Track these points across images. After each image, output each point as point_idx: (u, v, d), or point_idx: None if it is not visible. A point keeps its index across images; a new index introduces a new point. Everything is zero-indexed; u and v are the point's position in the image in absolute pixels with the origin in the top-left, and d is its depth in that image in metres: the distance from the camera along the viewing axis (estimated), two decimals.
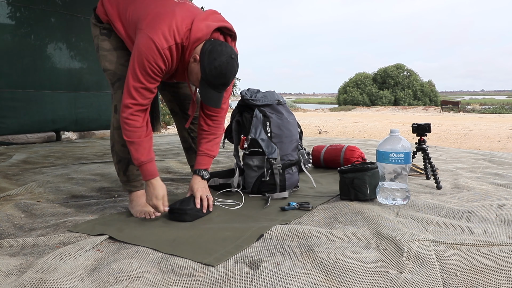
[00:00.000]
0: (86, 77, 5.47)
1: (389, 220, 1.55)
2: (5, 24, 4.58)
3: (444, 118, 15.14)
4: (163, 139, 5.13)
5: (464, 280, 1.07)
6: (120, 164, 1.75)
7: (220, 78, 1.51)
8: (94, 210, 1.81)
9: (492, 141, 6.61)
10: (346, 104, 36.85)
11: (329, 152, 2.77)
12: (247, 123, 2.03)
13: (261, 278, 1.09)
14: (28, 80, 4.78)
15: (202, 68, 1.50)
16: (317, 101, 76.83)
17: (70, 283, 1.06)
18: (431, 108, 27.31)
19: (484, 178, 2.41)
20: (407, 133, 7.25)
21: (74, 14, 5.25)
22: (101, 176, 2.51)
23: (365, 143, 4.41)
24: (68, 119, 5.22)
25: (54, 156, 3.53)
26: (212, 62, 1.48)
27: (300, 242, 1.36)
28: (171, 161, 3.13)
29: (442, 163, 3.02)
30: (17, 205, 1.83)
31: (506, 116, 16.64)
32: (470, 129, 9.64)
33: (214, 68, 1.48)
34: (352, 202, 1.85)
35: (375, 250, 1.27)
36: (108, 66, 1.69)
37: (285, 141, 2.02)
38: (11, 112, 4.65)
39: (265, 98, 2.04)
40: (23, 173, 2.70)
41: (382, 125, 11.38)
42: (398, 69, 38.41)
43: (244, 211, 1.75)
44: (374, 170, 1.88)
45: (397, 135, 1.82)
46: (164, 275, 1.12)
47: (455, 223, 1.54)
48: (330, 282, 1.07)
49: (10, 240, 1.37)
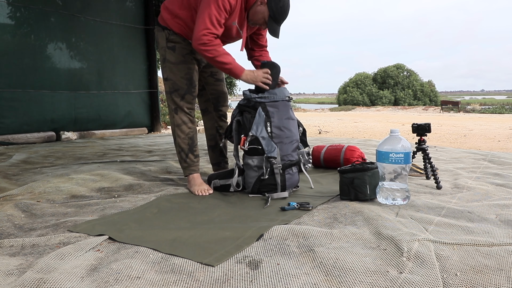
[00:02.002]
0: (86, 77, 5.47)
1: (389, 220, 1.55)
2: (5, 24, 4.58)
3: (444, 118, 15.15)
4: (163, 139, 5.13)
5: (464, 280, 1.07)
6: (181, 154, 2.18)
7: (284, 14, 1.99)
8: (94, 210, 1.81)
9: (492, 141, 6.61)
10: (346, 104, 36.86)
11: (329, 152, 2.77)
12: (248, 123, 2.03)
13: (261, 278, 1.09)
14: (28, 80, 4.78)
15: (270, 8, 1.95)
16: (317, 101, 76.83)
17: (70, 283, 1.06)
18: (431, 108, 27.31)
19: (484, 178, 2.41)
20: (407, 133, 7.25)
21: (74, 14, 5.25)
22: (101, 176, 2.50)
23: (365, 143, 4.41)
24: (68, 119, 5.22)
25: (54, 156, 3.53)
26: (278, 3, 1.95)
27: (300, 242, 1.36)
28: (171, 161, 3.13)
29: (442, 163, 3.02)
30: (17, 205, 1.83)
31: (506, 116, 16.64)
32: (470, 129, 9.64)
33: (280, 7, 1.95)
34: (352, 202, 1.85)
35: (375, 250, 1.27)
36: (171, 77, 2.13)
37: (286, 141, 2.02)
38: (11, 112, 4.65)
39: (274, 95, 2.03)
40: (23, 173, 2.70)
41: (382, 125, 11.39)
42: (398, 69, 38.41)
43: (244, 211, 1.75)
44: (374, 170, 1.88)
45: (397, 135, 1.82)
46: (164, 275, 1.12)
47: (455, 223, 1.54)
48: (330, 282, 1.07)
49: (10, 240, 1.37)
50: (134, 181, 2.38)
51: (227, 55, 1.96)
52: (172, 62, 2.11)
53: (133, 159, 3.31)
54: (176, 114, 2.15)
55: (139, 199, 1.98)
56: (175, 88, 2.12)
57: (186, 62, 2.12)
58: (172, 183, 2.37)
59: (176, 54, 2.10)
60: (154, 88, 6.45)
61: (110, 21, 5.72)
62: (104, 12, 5.62)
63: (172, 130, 2.19)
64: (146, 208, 1.81)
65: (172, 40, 2.10)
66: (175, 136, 2.18)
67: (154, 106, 6.47)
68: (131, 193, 2.13)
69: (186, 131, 2.16)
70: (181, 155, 2.19)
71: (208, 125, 2.42)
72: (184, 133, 2.15)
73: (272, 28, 2.01)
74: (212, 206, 1.85)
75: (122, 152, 3.81)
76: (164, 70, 2.15)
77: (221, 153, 2.44)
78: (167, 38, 2.11)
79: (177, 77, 2.11)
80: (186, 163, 2.18)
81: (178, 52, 2.10)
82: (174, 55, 2.10)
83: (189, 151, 2.17)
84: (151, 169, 2.75)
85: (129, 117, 6.12)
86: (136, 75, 6.20)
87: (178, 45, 2.10)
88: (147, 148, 4.18)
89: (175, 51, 2.10)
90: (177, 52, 2.10)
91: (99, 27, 5.59)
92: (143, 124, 6.36)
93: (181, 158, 2.20)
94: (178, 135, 2.17)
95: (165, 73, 2.15)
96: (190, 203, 1.90)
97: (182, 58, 2.11)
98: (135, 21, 6.10)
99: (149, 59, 6.34)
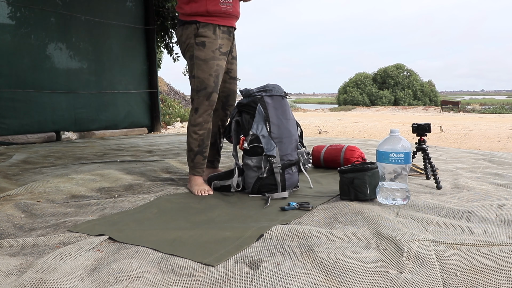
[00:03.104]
0: (86, 77, 5.47)
1: (389, 220, 1.55)
2: (5, 24, 4.58)
3: (444, 118, 15.15)
4: (163, 139, 5.13)
5: (464, 280, 1.07)
6: (190, 153, 2.19)
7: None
8: (94, 210, 1.81)
9: (492, 141, 6.61)
10: (346, 104, 36.85)
11: (329, 152, 2.77)
12: (247, 124, 2.03)
13: (261, 278, 1.09)
14: (28, 80, 4.78)
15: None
16: (317, 101, 76.80)
17: (70, 283, 1.06)
18: (431, 108, 27.31)
19: (484, 178, 2.41)
20: (407, 133, 7.25)
21: (74, 14, 5.25)
22: (101, 176, 2.51)
23: (365, 143, 4.41)
24: (67, 119, 5.22)
25: (54, 156, 3.53)
26: None
27: (300, 242, 1.36)
28: (171, 161, 3.13)
29: (442, 163, 3.02)
30: (17, 205, 1.83)
31: (506, 116, 16.64)
32: (470, 129, 9.64)
33: None
34: (352, 202, 1.85)
35: (375, 250, 1.27)
36: (200, 74, 2.09)
37: (285, 141, 2.02)
38: (11, 112, 4.66)
39: (273, 89, 2.05)
40: (23, 173, 2.70)
41: (382, 125, 11.39)
42: (398, 69, 38.41)
43: (244, 211, 1.75)
44: (374, 170, 1.88)
45: (397, 135, 1.82)
46: (164, 275, 1.12)
47: (455, 223, 1.54)
48: (330, 282, 1.07)
49: (10, 240, 1.37)
50: (134, 181, 2.38)
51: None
52: (201, 59, 2.07)
53: (133, 159, 3.31)
54: (196, 113, 2.13)
55: (139, 199, 1.98)
56: (203, 86, 2.09)
57: (215, 58, 2.09)
58: (172, 183, 2.37)
59: (206, 50, 2.07)
60: (154, 88, 6.45)
61: (110, 21, 5.72)
62: (104, 12, 5.62)
63: (188, 127, 2.19)
64: (146, 208, 1.82)
65: (202, 34, 2.06)
66: (188, 134, 2.18)
67: (154, 106, 6.47)
68: (131, 193, 2.13)
69: (200, 132, 2.14)
70: (189, 154, 2.19)
71: (212, 122, 2.38)
72: (197, 134, 2.14)
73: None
74: (212, 206, 1.85)
75: (122, 152, 3.81)
76: (192, 68, 2.11)
77: (217, 152, 2.45)
78: (196, 34, 2.07)
79: (205, 74, 2.08)
80: (192, 163, 2.18)
81: (208, 47, 2.07)
82: (204, 51, 2.07)
83: (198, 152, 2.17)
84: (151, 169, 2.75)
85: (129, 117, 6.12)
86: (136, 75, 6.20)
87: (207, 40, 2.07)
88: (147, 148, 4.18)
89: (205, 47, 2.07)
90: (207, 48, 2.07)
91: (99, 27, 5.59)
92: (143, 124, 6.36)
93: (189, 157, 2.20)
94: (191, 135, 2.16)
95: (193, 70, 2.10)
96: (190, 203, 1.90)
97: (212, 54, 2.08)
98: (135, 21, 6.10)
99: (149, 59, 6.34)
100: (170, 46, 7.00)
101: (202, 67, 2.07)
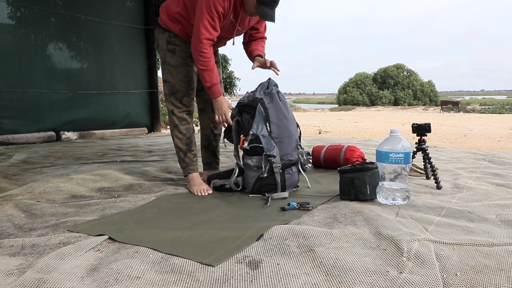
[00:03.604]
0: (86, 77, 5.47)
1: (389, 220, 1.55)
2: (5, 24, 4.58)
3: (444, 118, 15.15)
4: (163, 139, 5.13)
5: (464, 280, 1.07)
6: (180, 153, 2.22)
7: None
8: (94, 210, 1.81)
9: (492, 141, 6.61)
10: (346, 104, 36.86)
11: (329, 152, 2.77)
12: (247, 124, 2.03)
13: (261, 278, 1.09)
14: (28, 80, 4.78)
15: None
16: (317, 101, 76.79)
17: (70, 283, 1.06)
18: (431, 108, 27.31)
19: (484, 178, 2.41)
20: (407, 133, 7.25)
21: (74, 14, 5.25)
22: (101, 176, 2.51)
23: (365, 143, 4.41)
24: (67, 119, 5.22)
25: (54, 156, 3.53)
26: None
27: (300, 242, 1.36)
28: (171, 161, 3.13)
29: (442, 163, 3.02)
30: (17, 205, 1.83)
31: (506, 116, 16.64)
32: (470, 129, 9.64)
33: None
34: (352, 202, 1.85)
35: (375, 250, 1.27)
36: (170, 79, 2.16)
37: (285, 141, 2.02)
38: (11, 112, 4.66)
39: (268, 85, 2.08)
40: (23, 173, 2.70)
41: (382, 125, 11.39)
42: (398, 69, 38.42)
43: (244, 211, 1.75)
44: (374, 170, 1.88)
45: (397, 135, 1.82)
46: (164, 275, 1.12)
47: (455, 223, 1.54)
48: (330, 282, 1.07)
49: (10, 240, 1.38)
50: (134, 181, 2.38)
51: (215, 74, 2.03)
52: (171, 65, 2.14)
53: (133, 159, 3.31)
54: (174, 115, 2.19)
55: (139, 199, 1.98)
56: (173, 90, 2.16)
57: (185, 64, 2.16)
58: (172, 183, 2.37)
59: (176, 57, 2.14)
60: (154, 88, 6.45)
61: (110, 21, 5.72)
62: (104, 12, 5.62)
63: (171, 130, 2.23)
64: (146, 208, 1.82)
65: (173, 42, 2.13)
66: (173, 136, 2.22)
67: (154, 106, 6.47)
68: (131, 193, 2.13)
69: (183, 131, 2.19)
70: (179, 155, 2.22)
71: (204, 125, 2.45)
72: (181, 133, 2.19)
73: (262, 12, 1.97)
74: (212, 206, 1.85)
75: (122, 152, 3.81)
76: (164, 72, 2.19)
77: (213, 154, 2.46)
78: (168, 41, 2.14)
79: (176, 79, 2.15)
80: (184, 163, 2.22)
81: (178, 54, 2.14)
82: (174, 57, 2.14)
83: (187, 151, 2.21)
84: (151, 169, 2.75)
85: (129, 117, 6.12)
86: (136, 75, 6.20)
87: (178, 47, 2.13)
88: (147, 148, 4.18)
89: (175, 54, 2.14)
90: (177, 55, 2.14)
91: (99, 27, 5.59)
92: (143, 124, 6.36)
93: (179, 158, 2.23)
94: (176, 135, 2.21)
95: (165, 75, 2.18)
96: (190, 203, 1.90)
97: (182, 60, 2.15)
98: (135, 21, 6.10)
99: (149, 59, 6.34)
100: None
101: (173, 73, 2.15)
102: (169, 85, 2.17)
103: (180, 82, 2.15)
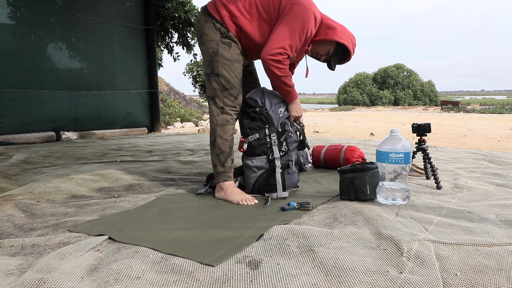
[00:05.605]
0: (86, 77, 5.48)
1: (389, 220, 1.55)
2: (5, 24, 4.59)
3: (444, 118, 15.15)
4: (163, 139, 5.13)
5: (464, 280, 1.07)
6: (219, 157, 2.00)
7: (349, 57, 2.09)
8: (94, 210, 1.81)
9: (492, 141, 6.60)
10: (346, 104, 36.87)
11: (329, 152, 2.77)
12: (246, 126, 2.03)
13: (261, 278, 1.09)
14: (28, 80, 4.78)
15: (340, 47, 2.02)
16: (317, 101, 76.78)
17: (70, 283, 1.06)
18: (431, 108, 27.31)
19: (484, 178, 2.41)
20: (407, 133, 7.25)
21: (74, 14, 5.25)
22: (101, 176, 2.51)
23: (365, 143, 4.41)
24: (68, 119, 5.23)
25: (54, 156, 3.53)
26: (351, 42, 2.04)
27: (300, 242, 1.36)
28: (171, 161, 3.13)
29: (442, 163, 3.02)
30: (17, 205, 1.83)
31: (506, 116, 16.64)
32: (470, 129, 9.64)
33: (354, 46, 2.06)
34: (352, 202, 1.85)
35: (375, 250, 1.27)
36: (225, 73, 1.96)
37: None
38: (11, 112, 4.66)
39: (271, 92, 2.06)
40: (23, 173, 2.70)
41: (382, 125, 11.39)
42: (398, 69, 38.43)
43: (244, 211, 1.75)
44: (374, 170, 1.88)
45: (397, 135, 1.82)
46: (164, 275, 1.12)
47: (455, 223, 1.54)
48: (330, 282, 1.07)
49: (10, 240, 1.38)
50: (134, 181, 2.38)
51: (291, 77, 1.98)
52: (227, 58, 1.96)
53: (133, 159, 3.31)
54: (222, 113, 1.98)
55: (139, 199, 1.98)
56: (229, 86, 1.96)
57: (239, 61, 2.00)
58: (172, 183, 2.37)
59: (231, 51, 1.97)
60: (154, 88, 6.45)
61: (110, 21, 5.72)
62: (104, 12, 5.63)
63: (213, 130, 2.00)
64: (146, 208, 1.82)
65: (229, 37, 1.96)
66: (215, 136, 1.99)
67: (154, 106, 6.48)
68: (131, 193, 2.13)
69: (229, 132, 1.99)
70: (219, 158, 1.99)
71: None
72: (227, 134, 1.98)
73: (334, 64, 2.08)
74: (212, 206, 1.85)
75: (122, 152, 3.81)
76: (214, 65, 1.96)
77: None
78: (222, 34, 1.96)
79: (231, 75, 1.96)
80: (223, 168, 1.99)
81: (233, 50, 1.98)
82: (230, 51, 1.96)
83: (229, 155, 2.00)
84: (151, 169, 2.75)
85: (129, 117, 6.12)
86: (136, 75, 6.20)
87: (233, 43, 1.98)
88: (147, 148, 4.18)
89: (231, 48, 1.97)
90: (232, 50, 1.97)
91: (99, 27, 5.59)
92: (143, 124, 6.37)
93: (219, 161, 2.00)
94: (220, 135, 1.98)
95: (217, 68, 1.95)
96: (190, 203, 1.90)
97: (237, 56, 1.99)
98: (135, 21, 6.11)
99: (149, 59, 6.34)
100: (170, 46, 7.01)
101: (228, 67, 1.96)
102: (224, 79, 1.95)
103: (235, 78, 1.97)
